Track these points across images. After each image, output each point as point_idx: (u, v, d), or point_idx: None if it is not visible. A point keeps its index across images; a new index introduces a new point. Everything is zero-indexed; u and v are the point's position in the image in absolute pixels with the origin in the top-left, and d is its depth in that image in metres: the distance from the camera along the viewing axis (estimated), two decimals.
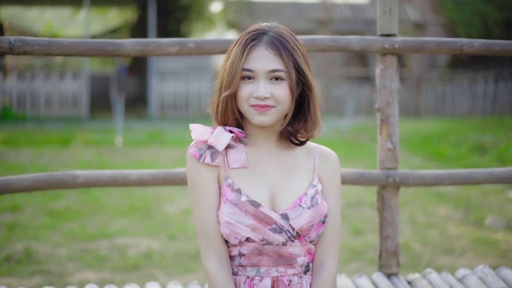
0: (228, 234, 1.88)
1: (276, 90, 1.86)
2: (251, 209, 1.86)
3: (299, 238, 1.90)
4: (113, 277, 4.58)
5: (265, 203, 1.88)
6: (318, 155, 2.00)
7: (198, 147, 1.91)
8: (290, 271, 1.91)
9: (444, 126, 13.33)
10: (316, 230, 1.90)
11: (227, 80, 1.88)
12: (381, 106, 2.67)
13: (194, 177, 1.91)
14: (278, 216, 1.87)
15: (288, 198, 1.90)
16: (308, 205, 1.89)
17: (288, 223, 1.87)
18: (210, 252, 1.90)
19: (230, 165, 1.91)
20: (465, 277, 2.59)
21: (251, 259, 1.90)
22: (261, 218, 1.86)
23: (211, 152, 1.90)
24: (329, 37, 2.60)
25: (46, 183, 2.44)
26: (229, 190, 1.89)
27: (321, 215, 1.90)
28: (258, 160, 1.94)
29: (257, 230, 1.86)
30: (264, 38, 1.87)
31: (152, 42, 2.51)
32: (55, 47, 2.39)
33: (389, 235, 2.72)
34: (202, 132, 1.92)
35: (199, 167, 1.91)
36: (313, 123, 1.96)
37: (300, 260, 1.92)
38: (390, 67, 2.67)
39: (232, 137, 1.91)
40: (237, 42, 1.91)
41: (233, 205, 1.86)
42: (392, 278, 2.72)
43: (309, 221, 1.88)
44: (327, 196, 1.97)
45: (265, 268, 1.90)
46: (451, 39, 2.71)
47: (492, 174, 2.77)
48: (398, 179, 2.71)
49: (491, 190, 7.39)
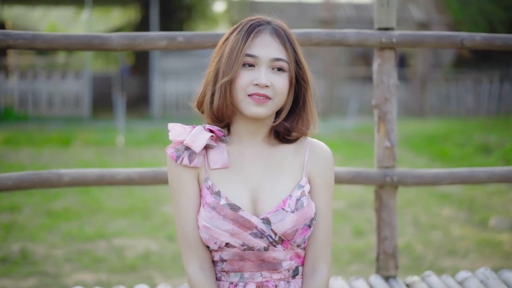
0: (207, 239, 1.79)
1: (276, 81, 1.77)
2: (230, 213, 1.76)
3: (282, 243, 1.79)
4: (110, 278, 4.51)
5: (246, 206, 1.78)
6: (308, 150, 1.87)
7: (176, 148, 1.82)
8: (275, 276, 1.82)
9: (449, 126, 13.24)
10: (301, 235, 1.79)
11: (226, 66, 1.77)
12: (378, 102, 2.58)
13: (173, 178, 1.83)
14: (259, 221, 1.77)
15: (271, 200, 1.79)
16: (292, 209, 1.77)
17: (269, 227, 1.77)
18: (190, 256, 1.81)
19: (211, 165, 1.81)
20: (465, 280, 2.50)
21: (233, 264, 1.81)
22: (240, 222, 1.76)
23: (189, 153, 1.80)
24: (325, 31, 2.51)
25: (30, 182, 2.36)
26: (208, 192, 1.79)
27: (306, 219, 1.79)
28: (241, 159, 1.83)
29: (236, 235, 1.77)
30: (269, 27, 1.81)
31: (140, 36, 2.41)
32: (39, 41, 2.31)
33: (387, 237, 2.61)
34: (180, 132, 1.82)
35: (177, 168, 1.81)
36: (308, 120, 1.86)
37: (286, 264, 1.82)
38: (388, 62, 2.57)
39: (212, 136, 1.81)
40: (237, 28, 1.83)
41: (211, 209, 1.77)
42: (390, 281, 2.63)
43: (292, 226, 1.77)
44: (318, 195, 1.85)
45: (249, 274, 1.81)
46: (451, 33, 2.60)
47: (494, 173, 2.67)
48: (396, 179, 2.61)
49: (496, 191, 7.31)
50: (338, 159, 9.44)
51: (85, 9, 17.20)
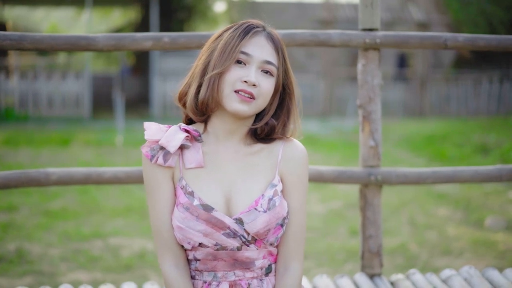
0: (181, 239, 1.81)
1: (264, 82, 1.81)
2: (203, 213, 1.78)
3: (255, 242, 1.82)
4: (105, 277, 4.54)
5: (219, 206, 1.80)
6: (282, 149, 1.89)
7: (151, 147, 1.83)
8: (248, 275, 1.84)
9: (448, 127, 13.24)
10: (274, 234, 1.81)
11: (218, 60, 1.80)
12: (363, 102, 2.60)
13: (148, 177, 1.85)
14: (232, 221, 1.79)
15: (245, 200, 1.81)
16: (264, 209, 1.79)
17: (242, 227, 1.79)
18: (165, 254, 1.84)
19: (186, 165, 1.83)
20: (449, 278, 2.52)
21: (206, 264, 1.83)
22: (213, 223, 1.78)
23: (163, 152, 1.82)
24: (309, 31, 2.54)
25: (18, 180, 2.39)
26: (182, 192, 1.81)
27: (278, 218, 1.81)
28: (216, 159, 1.85)
29: (209, 236, 1.79)
30: (264, 31, 1.86)
31: (126, 37, 2.43)
32: (26, 42, 2.33)
33: (372, 235, 2.63)
34: (156, 131, 1.84)
35: (152, 167, 1.83)
36: (290, 127, 1.90)
37: (259, 263, 1.84)
38: (372, 62, 2.59)
39: (187, 137, 1.83)
40: (231, 27, 1.86)
41: (185, 209, 1.79)
42: (375, 278, 2.65)
43: (265, 226, 1.79)
44: (291, 193, 1.86)
45: (222, 273, 1.83)
46: (434, 34, 2.62)
47: (477, 172, 2.69)
48: (380, 178, 2.63)
49: (493, 191, 7.32)
50: (337, 159, 9.46)
51: (86, 10, 17.23)
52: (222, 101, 1.80)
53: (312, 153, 9.93)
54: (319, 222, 6.13)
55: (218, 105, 1.82)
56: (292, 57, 18.82)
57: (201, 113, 1.85)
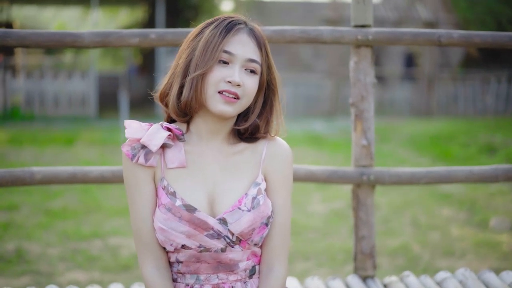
0: (163, 240, 1.75)
1: (248, 81, 1.75)
2: (185, 214, 1.72)
3: (240, 243, 1.77)
4: (103, 277, 4.51)
5: (203, 207, 1.75)
6: (266, 147, 1.84)
7: (132, 146, 1.77)
8: (232, 277, 1.79)
9: (455, 126, 13.15)
10: (259, 234, 1.76)
11: (199, 59, 1.73)
12: (355, 100, 2.55)
13: (128, 177, 1.79)
14: (215, 221, 1.74)
15: (228, 200, 1.76)
16: (248, 208, 1.74)
17: (226, 228, 1.74)
18: (146, 256, 1.78)
19: (168, 165, 1.77)
20: (444, 281, 2.46)
21: (189, 266, 1.78)
22: (196, 224, 1.73)
23: (145, 151, 1.76)
24: (299, 28, 2.48)
25: (2, 179, 2.35)
26: (164, 193, 1.76)
27: (263, 217, 1.76)
28: (199, 159, 1.80)
29: (192, 237, 1.73)
30: (246, 27, 1.79)
31: (112, 33, 2.39)
32: (11, 39, 2.30)
33: (365, 236, 2.58)
34: (137, 129, 1.78)
35: (133, 167, 1.77)
36: (273, 125, 1.85)
37: (243, 265, 1.79)
38: (365, 60, 2.53)
39: (169, 135, 1.77)
40: (211, 23, 1.79)
41: (167, 210, 1.73)
42: (368, 281, 2.59)
43: (249, 225, 1.74)
44: (275, 192, 1.81)
45: (205, 276, 1.78)
46: (428, 30, 2.56)
47: (472, 173, 2.63)
48: (372, 177, 2.57)
49: (498, 191, 7.24)
50: (340, 159, 9.39)
51: (93, 9, 17.25)
52: (205, 102, 1.75)
53: (316, 152, 9.88)
54: (320, 222, 6.08)
55: (201, 106, 1.77)
56: (298, 56, 18.79)
57: (184, 114, 1.80)
